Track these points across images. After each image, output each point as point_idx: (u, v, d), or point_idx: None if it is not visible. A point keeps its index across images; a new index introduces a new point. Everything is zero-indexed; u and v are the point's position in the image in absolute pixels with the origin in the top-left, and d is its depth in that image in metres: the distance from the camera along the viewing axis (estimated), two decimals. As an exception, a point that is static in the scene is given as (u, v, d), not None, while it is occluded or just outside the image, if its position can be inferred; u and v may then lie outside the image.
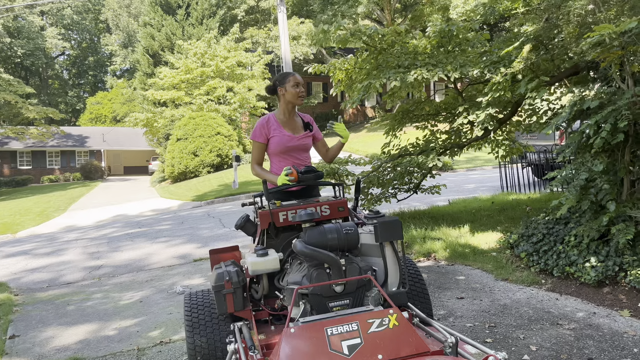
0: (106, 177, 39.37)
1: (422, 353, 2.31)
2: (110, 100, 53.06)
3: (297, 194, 3.33)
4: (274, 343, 2.69)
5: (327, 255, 2.50)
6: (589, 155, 4.56)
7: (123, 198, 20.47)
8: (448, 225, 6.90)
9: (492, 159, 18.35)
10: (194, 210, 14.03)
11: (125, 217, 14.37)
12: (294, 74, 3.43)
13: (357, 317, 2.35)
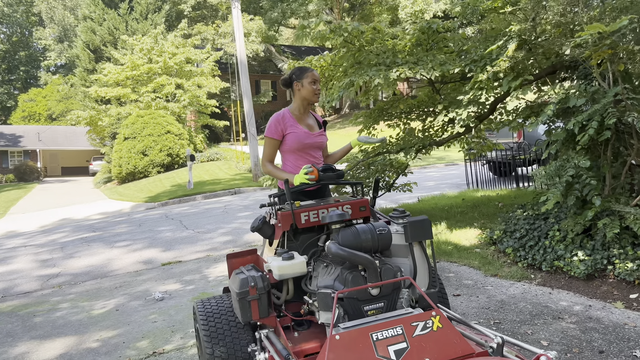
0: (42, 179, 37.31)
1: (468, 355, 2.26)
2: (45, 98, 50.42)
3: (311, 193, 3.20)
4: (304, 350, 2.56)
5: (364, 257, 2.40)
6: (574, 152, 4.68)
7: (66, 200, 19.44)
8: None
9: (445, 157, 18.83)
10: (149, 212, 13.50)
11: (72, 221, 13.62)
12: (312, 70, 3.30)
13: (400, 320, 2.27)
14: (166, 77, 23.07)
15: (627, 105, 4.31)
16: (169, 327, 4.34)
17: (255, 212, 10.95)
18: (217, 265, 6.65)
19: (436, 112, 6.82)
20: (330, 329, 2.18)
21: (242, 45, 16.24)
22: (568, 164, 4.62)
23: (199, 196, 14.88)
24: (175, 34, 24.98)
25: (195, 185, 16.20)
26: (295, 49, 39.82)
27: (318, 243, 2.83)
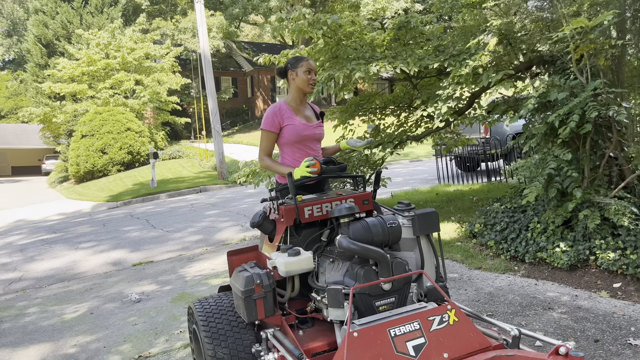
0: (-9, 179, 35.62)
1: (484, 349, 2.23)
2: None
3: (310, 187, 3.11)
4: (312, 349, 2.47)
5: (377, 251, 2.33)
6: (554, 146, 4.76)
7: (19, 201, 18.58)
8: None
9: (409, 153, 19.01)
10: (112, 211, 13.04)
11: (29, 222, 13.01)
12: (308, 59, 3.20)
13: (417, 315, 2.22)
14: (124, 73, 22.38)
15: (607, 99, 4.41)
16: (151, 330, 4.16)
17: (223, 211, 10.76)
18: (191, 264, 6.47)
19: (412, 107, 6.84)
20: (347, 326, 2.10)
21: (206, 41, 15.91)
22: (549, 157, 4.70)
23: (163, 195, 14.51)
24: (133, 29, 24.24)
25: (159, 183, 15.79)
26: (256, 46, 39.42)
27: (321, 238, 2.75)
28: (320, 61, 6.30)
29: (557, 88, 4.63)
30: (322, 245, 2.74)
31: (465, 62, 5.11)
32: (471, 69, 4.98)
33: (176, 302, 4.84)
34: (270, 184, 6.53)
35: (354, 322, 2.21)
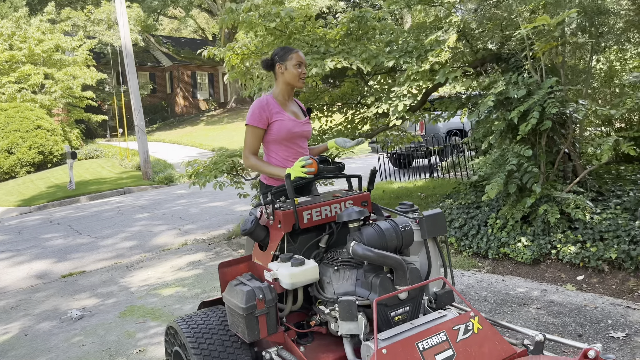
0: None
1: (510, 356, 2.12)
2: None
3: (297, 189, 2.86)
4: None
5: (394, 258, 2.15)
6: (514, 142, 4.83)
7: None
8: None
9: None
10: (25, 217, 11.90)
11: None
12: (297, 51, 2.95)
13: (442, 325, 2.07)
14: (32, 66, 20.59)
15: (563, 96, 4.52)
16: (104, 351, 3.72)
17: (155, 214, 10.14)
18: (132, 273, 5.96)
19: (362, 104, 6.74)
20: (375, 342, 1.90)
21: (128, 33, 14.97)
22: (509, 153, 4.76)
23: (84, 197, 13.48)
24: (40, 19, 22.37)
25: (77, 185, 14.66)
26: (175, 40, 37.97)
27: (320, 244, 2.53)
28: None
29: (516, 86, 4.69)
30: (321, 252, 2.52)
31: (425, 58, 5.05)
32: (430, 65, 4.93)
33: (126, 317, 4.39)
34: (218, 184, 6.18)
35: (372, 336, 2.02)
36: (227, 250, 6.31)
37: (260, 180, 3.08)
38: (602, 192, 4.97)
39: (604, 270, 4.18)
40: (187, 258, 6.23)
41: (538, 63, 4.83)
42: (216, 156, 6.53)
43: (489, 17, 4.98)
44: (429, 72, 5.20)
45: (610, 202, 4.70)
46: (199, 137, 24.30)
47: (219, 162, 6.24)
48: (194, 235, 7.65)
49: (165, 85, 36.44)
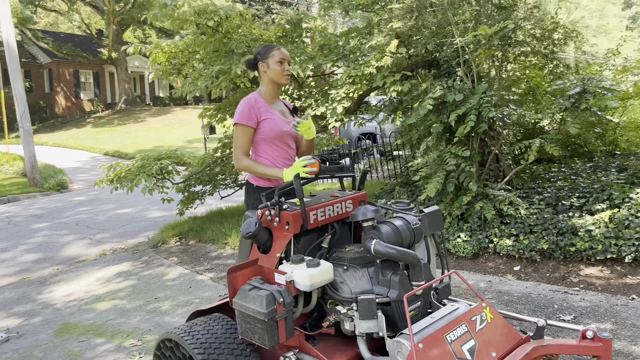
0: None
1: (519, 342, 2.25)
2: None
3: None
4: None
5: (414, 255, 2.19)
6: (451, 144, 5.12)
7: None
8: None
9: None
10: None
11: None
12: (280, 48, 2.87)
13: (462, 317, 2.15)
14: None
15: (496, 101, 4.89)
16: (51, 375, 3.35)
17: (56, 223, 9.30)
18: (50, 288, 5.42)
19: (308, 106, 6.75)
20: (411, 338, 1.92)
21: (11, 27, 13.60)
22: (447, 154, 5.04)
23: (-37, 206, 12.00)
24: None
25: (-49, 194, 13.00)
26: (53, 35, 35.08)
27: (322, 244, 2.50)
28: (203, 54, 5.83)
29: (453, 90, 4.98)
30: (324, 253, 2.49)
31: (364, 63, 5.18)
32: (374, 69, 5.08)
33: (63, 336, 3.98)
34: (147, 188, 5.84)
35: (403, 332, 2.04)
36: (157, 259, 5.97)
37: (248, 181, 2.97)
38: (524, 189, 5.44)
39: (536, 260, 4.58)
40: (112, 269, 5.79)
41: (469, 70, 5.18)
42: (141, 159, 6.17)
43: (425, 25, 5.23)
44: (367, 76, 5.36)
45: (534, 198, 5.16)
46: (88, 140, 22.70)
47: (147, 166, 5.91)
48: (110, 245, 7.13)
49: (44, 84, 33.55)
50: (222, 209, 7.92)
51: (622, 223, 4.44)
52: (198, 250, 6.15)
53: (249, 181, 2.94)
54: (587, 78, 4.61)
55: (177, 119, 28.50)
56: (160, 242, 6.67)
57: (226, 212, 7.66)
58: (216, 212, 7.71)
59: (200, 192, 7.04)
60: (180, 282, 4.99)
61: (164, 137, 23.94)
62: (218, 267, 5.37)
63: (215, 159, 6.65)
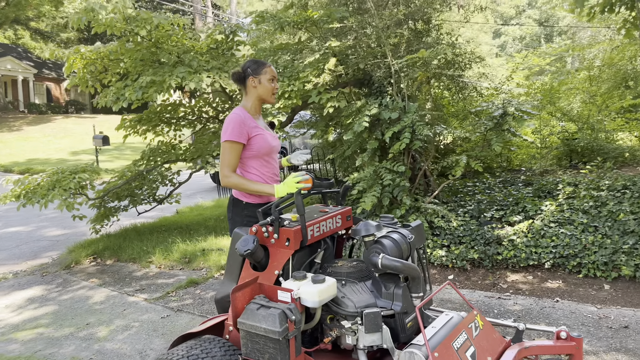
0: None
1: (507, 345, 2.43)
2: None
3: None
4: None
5: (414, 267, 2.28)
6: (385, 160, 5.34)
7: None
8: (204, 234, 6.61)
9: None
10: None
11: None
12: (270, 65, 2.84)
13: (461, 326, 2.28)
14: None
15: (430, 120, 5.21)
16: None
17: None
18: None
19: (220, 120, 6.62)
20: (427, 347, 2.00)
21: None
22: (382, 170, 5.25)
23: None
24: None
25: None
26: None
27: (315, 260, 2.50)
28: (129, 62, 5.53)
29: (388, 109, 5.22)
30: (317, 269, 2.50)
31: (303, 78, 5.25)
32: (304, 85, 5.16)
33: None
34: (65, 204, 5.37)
35: (413, 343, 2.12)
36: (74, 281, 5.48)
37: (236, 198, 2.87)
38: (449, 203, 5.82)
39: (467, 269, 4.92)
40: (21, 294, 5.22)
41: (399, 89, 5.46)
42: (54, 173, 5.68)
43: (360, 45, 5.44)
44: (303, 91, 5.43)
45: (459, 211, 5.55)
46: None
47: (63, 180, 5.46)
48: (6, 267, 6.41)
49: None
50: (137, 226, 7.48)
51: (539, 233, 4.93)
52: (120, 271, 5.75)
53: (237, 198, 2.86)
54: (507, 101, 5.08)
55: (60, 129, 26.39)
56: (72, 262, 6.13)
57: (142, 229, 7.25)
58: (131, 229, 7.26)
59: (114, 208, 6.61)
60: (111, 305, 4.64)
61: (45, 148, 22.05)
62: (150, 288, 5.07)
63: (137, 172, 6.29)
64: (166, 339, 3.79)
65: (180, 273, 5.51)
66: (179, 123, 6.60)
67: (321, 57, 5.30)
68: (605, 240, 4.62)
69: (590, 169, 6.35)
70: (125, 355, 3.58)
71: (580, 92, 9.69)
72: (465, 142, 6.21)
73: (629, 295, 4.18)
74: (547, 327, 2.56)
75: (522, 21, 46.23)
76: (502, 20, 45.10)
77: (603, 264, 4.48)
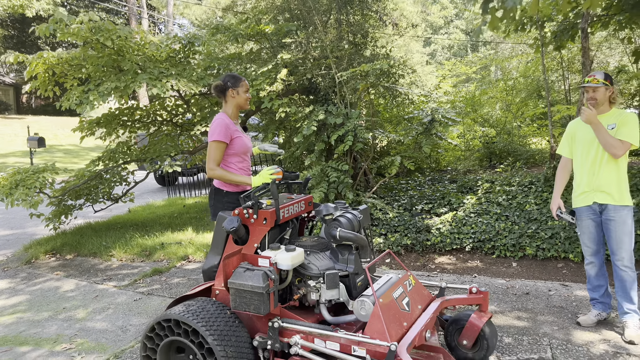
0: None
1: (432, 298, 3.17)
2: None
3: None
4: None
5: (363, 238, 2.96)
6: (330, 160, 6.04)
7: None
8: (159, 230, 7.03)
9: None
10: None
11: None
12: (245, 80, 3.44)
13: (398, 283, 2.98)
14: None
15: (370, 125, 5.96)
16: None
17: None
18: None
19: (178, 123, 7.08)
20: (374, 295, 2.68)
21: None
22: (328, 168, 5.95)
23: None
24: None
25: None
26: None
27: (285, 236, 3.13)
28: (90, 69, 5.91)
29: (332, 115, 5.93)
30: (286, 243, 3.13)
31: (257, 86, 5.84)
32: (266, 93, 5.78)
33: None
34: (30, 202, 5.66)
35: (363, 294, 2.79)
36: (39, 274, 5.77)
37: (218, 187, 3.43)
38: (385, 197, 6.60)
39: (402, 253, 5.70)
40: (-15, 288, 5.47)
41: (343, 97, 6.19)
42: (16, 173, 5.96)
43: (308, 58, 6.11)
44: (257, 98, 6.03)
45: (394, 204, 6.34)
46: None
47: (28, 179, 5.77)
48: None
49: None
50: (92, 224, 7.77)
51: (461, 222, 5.80)
52: (82, 264, 6.09)
53: (219, 187, 3.43)
54: (434, 109, 5.93)
55: (-18, 130, 25.24)
56: (32, 258, 6.39)
57: (97, 227, 7.55)
58: (87, 227, 7.55)
59: (71, 206, 6.90)
60: (82, 292, 5.03)
61: (-32, 149, 21.15)
62: (116, 277, 5.48)
63: (95, 172, 6.64)
64: (143, 317, 4.28)
65: (142, 264, 5.94)
66: (134, 126, 6.99)
67: (273, 67, 5.93)
68: (514, 226, 5.54)
69: (504, 168, 7.35)
70: (107, 331, 4.04)
71: (499, 100, 10.87)
72: (399, 145, 7.03)
73: (531, 270, 5.09)
74: (462, 285, 3.33)
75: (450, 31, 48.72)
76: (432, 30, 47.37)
77: (512, 245, 5.39)
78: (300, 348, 2.69)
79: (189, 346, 2.74)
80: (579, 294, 4.39)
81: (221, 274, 2.91)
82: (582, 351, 3.37)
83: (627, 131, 3.45)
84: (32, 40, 36.17)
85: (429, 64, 44.21)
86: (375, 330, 2.57)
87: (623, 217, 3.51)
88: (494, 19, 3.09)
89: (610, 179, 3.53)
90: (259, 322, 2.89)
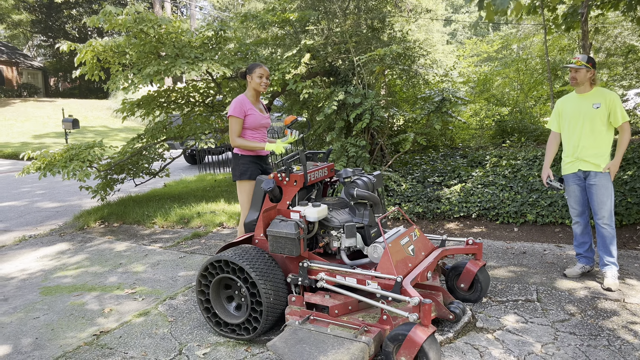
0: None
1: (434, 248, 3.79)
2: None
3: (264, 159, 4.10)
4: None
5: (376, 197, 3.59)
6: (350, 136, 6.65)
7: None
8: (195, 202, 7.76)
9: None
10: None
11: None
12: (262, 66, 4.08)
13: (404, 233, 3.61)
14: None
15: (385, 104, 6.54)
16: (67, 317, 4.08)
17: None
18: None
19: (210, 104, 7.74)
20: (384, 241, 3.31)
21: None
22: (348, 144, 6.56)
23: None
24: None
25: None
26: None
27: (311, 197, 3.78)
28: (133, 55, 6.58)
29: (352, 95, 6.52)
30: (313, 201, 3.77)
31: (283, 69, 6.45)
32: (291, 76, 6.39)
33: (54, 295, 4.59)
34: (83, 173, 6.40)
35: (376, 241, 3.42)
36: (93, 238, 6.54)
37: (235, 153, 4.12)
38: (400, 171, 7.20)
39: (414, 220, 6.31)
40: (49, 249, 6.23)
41: (361, 79, 6.76)
42: (71, 148, 6.70)
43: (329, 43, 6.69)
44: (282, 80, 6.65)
45: (408, 177, 6.94)
46: None
47: (80, 154, 6.50)
48: (18, 233, 7.35)
49: None
50: (133, 196, 8.54)
51: (469, 192, 6.37)
52: (128, 230, 6.85)
53: (237, 153, 4.13)
54: (445, 89, 6.47)
55: (20, 112, 26.40)
56: (84, 225, 7.17)
57: (138, 199, 8.31)
58: (128, 199, 8.32)
59: (115, 179, 7.65)
60: (134, 252, 5.78)
61: (9, 132, 22.25)
62: (161, 240, 6.22)
63: (137, 150, 7.36)
64: (189, 270, 5.00)
65: (182, 230, 6.68)
66: (169, 106, 7.68)
67: (297, 52, 6.53)
68: (517, 195, 6.10)
69: (509, 144, 7.87)
70: (160, 280, 4.77)
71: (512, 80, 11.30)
72: (414, 123, 7.60)
73: (530, 235, 5.67)
74: (461, 238, 3.94)
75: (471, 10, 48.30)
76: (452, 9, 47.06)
77: (514, 212, 5.96)
78: (325, 283, 3.34)
79: (235, 282, 3.43)
80: (570, 253, 4.96)
81: (260, 225, 3.58)
82: (564, 295, 3.97)
83: (621, 113, 4.00)
84: (59, 25, 37.19)
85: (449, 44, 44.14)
86: (385, 267, 3.21)
87: (603, 182, 4.07)
88: (489, 12, 3.64)
89: (592, 150, 4.08)
90: (291, 264, 3.56)
